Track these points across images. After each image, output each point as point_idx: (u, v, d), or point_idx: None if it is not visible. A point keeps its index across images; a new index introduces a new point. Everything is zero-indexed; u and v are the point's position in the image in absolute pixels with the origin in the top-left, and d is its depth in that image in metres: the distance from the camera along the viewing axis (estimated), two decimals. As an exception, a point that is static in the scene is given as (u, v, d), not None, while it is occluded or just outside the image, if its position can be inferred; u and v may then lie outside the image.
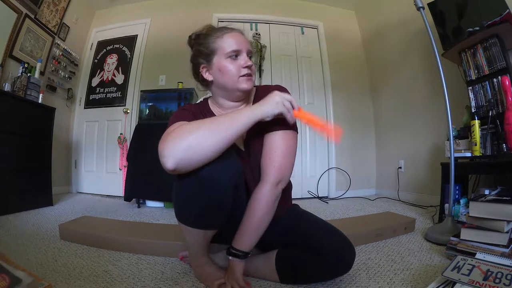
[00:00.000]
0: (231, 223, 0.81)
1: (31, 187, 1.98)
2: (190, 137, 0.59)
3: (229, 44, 0.77)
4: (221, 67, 0.78)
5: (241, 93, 0.81)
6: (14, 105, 1.93)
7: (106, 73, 3.03)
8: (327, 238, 0.75)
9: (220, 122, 0.64)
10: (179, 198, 0.71)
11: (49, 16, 2.56)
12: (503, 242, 0.87)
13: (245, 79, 0.78)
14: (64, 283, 0.79)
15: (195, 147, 0.59)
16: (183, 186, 0.67)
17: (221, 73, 0.78)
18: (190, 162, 0.59)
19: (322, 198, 2.72)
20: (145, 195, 2.14)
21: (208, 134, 0.61)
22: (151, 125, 2.25)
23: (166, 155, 0.58)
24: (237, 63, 0.77)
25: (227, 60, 0.77)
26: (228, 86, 0.79)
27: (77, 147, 2.98)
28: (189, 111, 0.81)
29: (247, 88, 0.78)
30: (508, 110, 1.33)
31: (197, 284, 0.81)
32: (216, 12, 2.99)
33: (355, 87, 3.04)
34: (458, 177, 1.44)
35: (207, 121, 0.65)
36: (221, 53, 0.77)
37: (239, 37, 0.79)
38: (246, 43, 0.79)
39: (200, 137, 0.60)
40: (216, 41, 0.78)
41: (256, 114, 0.67)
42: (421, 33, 2.20)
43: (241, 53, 0.78)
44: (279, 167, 0.75)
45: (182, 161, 0.58)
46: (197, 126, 0.62)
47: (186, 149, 0.58)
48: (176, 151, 0.58)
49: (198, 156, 0.60)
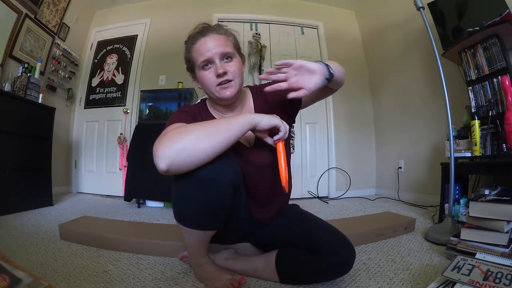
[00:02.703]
0: (230, 223, 0.81)
1: (31, 187, 1.98)
2: (185, 139, 0.59)
3: (199, 55, 0.76)
4: (200, 78, 0.79)
5: (225, 100, 0.80)
6: (14, 105, 1.93)
7: (106, 73, 3.03)
8: (327, 239, 0.75)
9: (216, 126, 0.64)
10: (178, 199, 0.71)
11: (49, 16, 2.56)
12: (503, 242, 0.87)
13: (222, 87, 0.76)
14: (64, 283, 0.79)
15: (189, 149, 0.59)
16: (182, 187, 0.67)
17: (202, 83, 0.80)
18: (183, 164, 0.60)
19: (322, 198, 2.72)
20: (145, 195, 2.14)
21: (203, 137, 0.61)
22: (151, 125, 2.25)
23: (159, 156, 0.58)
24: (211, 73, 0.76)
25: (202, 71, 0.77)
26: (210, 95, 0.81)
27: (77, 147, 2.98)
28: (187, 112, 0.81)
29: (225, 96, 0.77)
30: (508, 110, 1.33)
31: (197, 284, 0.81)
32: (216, 12, 2.99)
33: (355, 87, 3.03)
34: (458, 177, 1.44)
35: (203, 124, 0.65)
36: (197, 64, 0.78)
37: (209, 44, 0.75)
38: (218, 47, 0.75)
39: (195, 139, 0.60)
40: (192, 52, 0.79)
41: (253, 119, 0.67)
42: (421, 33, 2.20)
43: (213, 61, 0.75)
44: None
45: (175, 162, 0.58)
46: (192, 129, 0.62)
47: (179, 151, 0.58)
48: (169, 152, 0.58)
49: (192, 158, 0.60)
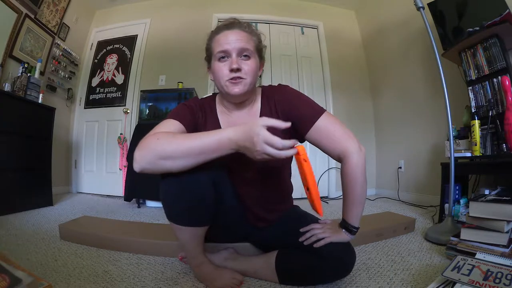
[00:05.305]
0: (223, 221, 0.82)
1: (31, 187, 1.98)
2: (156, 155, 0.61)
3: (218, 45, 0.75)
4: (213, 69, 0.77)
5: (233, 97, 0.78)
6: (14, 105, 1.93)
7: (106, 73, 3.03)
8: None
9: (190, 146, 0.61)
10: (164, 197, 0.73)
11: (49, 16, 2.56)
12: (503, 242, 0.87)
13: (232, 83, 0.74)
14: (64, 283, 0.79)
15: (159, 165, 0.62)
16: (166, 186, 0.70)
17: (214, 75, 0.78)
18: (154, 171, 0.64)
19: (322, 198, 2.72)
20: (145, 195, 2.14)
21: (175, 155, 0.62)
22: (151, 125, 2.23)
23: (134, 159, 0.63)
24: (226, 66, 0.74)
25: (217, 62, 0.75)
26: (220, 89, 0.79)
27: (77, 147, 2.98)
28: (189, 108, 0.81)
29: (234, 93, 0.74)
30: (508, 110, 1.33)
31: (197, 284, 0.81)
32: (216, 12, 2.99)
33: (355, 87, 3.04)
34: (458, 177, 1.44)
35: (176, 141, 0.62)
36: (214, 54, 0.76)
37: (231, 37, 0.74)
38: (238, 41, 0.73)
39: (165, 157, 0.61)
40: (212, 41, 0.78)
41: (232, 142, 0.60)
42: (421, 33, 2.20)
43: (230, 54, 0.74)
44: (348, 136, 0.75)
45: (146, 170, 0.63)
46: (169, 143, 0.62)
47: (151, 163, 0.62)
48: (143, 163, 0.62)
49: (161, 171, 0.64)
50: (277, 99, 0.82)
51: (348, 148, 0.73)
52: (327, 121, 0.76)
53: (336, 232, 0.76)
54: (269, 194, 0.86)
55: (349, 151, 0.73)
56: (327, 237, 0.74)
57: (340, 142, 0.74)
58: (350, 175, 0.73)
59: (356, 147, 0.73)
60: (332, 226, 0.80)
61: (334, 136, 0.75)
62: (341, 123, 0.77)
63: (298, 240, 0.78)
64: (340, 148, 0.74)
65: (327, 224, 0.82)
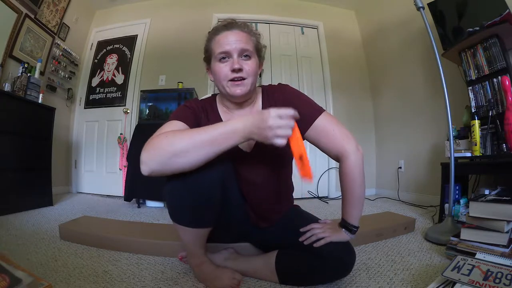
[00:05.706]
0: (226, 222, 0.82)
1: (31, 187, 1.98)
2: (167, 153, 0.60)
3: (218, 46, 0.75)
4: (214, 70, 0.77)
5: (234, 98, 0.78)
6: (14, 105, 1.93)
7: (106, 73, 3.03)
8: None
9: (201, 138, 0.61)
10: (169, 198, 0.72)
11: (49, 16, 2.56)
12: (503, 242, 0.87)
13: (234, 84, 0.74)
14: (64, 283, 0.79)
15: (169, 164, 0.61)
16: (171, 187, 0.69)
17: (215, 76, 0.78)
18: (163, 172, 0.62)
19: (322, 198, 2.73)
20: (145, 195, 2.14)
21: (187, 150, 0.60)
22: (151, 125, 2.25)
23: (142, 162, 0.61)
24: (227, 66, 0.74)
25: (218, 62, 0.76)
26: (221, 90, 0.79)
27: (77, 147, 2.98)
28: (190, 109, 0.80)
29: (236, 94, 0.74)
30: (508, 110, 1.33)
31: (197, 284, 0.81)
32: (216, 12, 2.99)
33: (355, 87, 3.03)
34: (458, 177, 1.44)
35: (192, 134, 0.62)
36: (214, 55, 0.76)
37: (231, 38, 0.74)
38: (238, 42, 0.74)
39: (177, 153, 0.60)
40: (212, 42, 0.78)
41: (242, 131, 0.61)
42: (421, 33, 2.20)
43: (231, 55, 0.74)
44: (346, 136, 0.75)
45: (155, 172, 0.61)
46: (179, 140, 0.61)
47: (162, 163, 0.60)
48: (152, 165, 0.60)
49: (172, 170, 0.62)
50: (277, 98, 0.82)
51: (345, 148, 0.74)
52: (326, 120, 0.77)
53: (336, 231, 0.76)
54: (271, 194, 0.86)
55: (347, 151, 0.74)
56: (327, 237, 0.74)
57: (338, 141, 0.75)
58: (348, 175, 0.74)
59: (354, 148, 0.74)
60: (332, 225, 0.80)
61: (332, 136, 0.75)
62: (339, 123, 0.78)
63: (298, 239, 0.78)
64: (337, 148, 0.75)
65: (327, 224, 0.82)
